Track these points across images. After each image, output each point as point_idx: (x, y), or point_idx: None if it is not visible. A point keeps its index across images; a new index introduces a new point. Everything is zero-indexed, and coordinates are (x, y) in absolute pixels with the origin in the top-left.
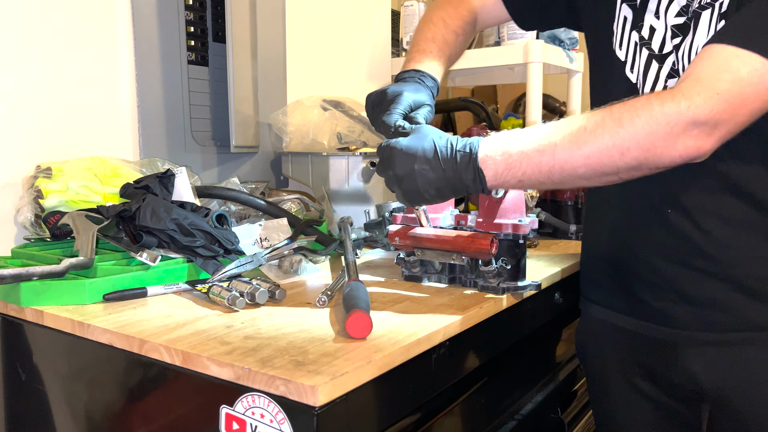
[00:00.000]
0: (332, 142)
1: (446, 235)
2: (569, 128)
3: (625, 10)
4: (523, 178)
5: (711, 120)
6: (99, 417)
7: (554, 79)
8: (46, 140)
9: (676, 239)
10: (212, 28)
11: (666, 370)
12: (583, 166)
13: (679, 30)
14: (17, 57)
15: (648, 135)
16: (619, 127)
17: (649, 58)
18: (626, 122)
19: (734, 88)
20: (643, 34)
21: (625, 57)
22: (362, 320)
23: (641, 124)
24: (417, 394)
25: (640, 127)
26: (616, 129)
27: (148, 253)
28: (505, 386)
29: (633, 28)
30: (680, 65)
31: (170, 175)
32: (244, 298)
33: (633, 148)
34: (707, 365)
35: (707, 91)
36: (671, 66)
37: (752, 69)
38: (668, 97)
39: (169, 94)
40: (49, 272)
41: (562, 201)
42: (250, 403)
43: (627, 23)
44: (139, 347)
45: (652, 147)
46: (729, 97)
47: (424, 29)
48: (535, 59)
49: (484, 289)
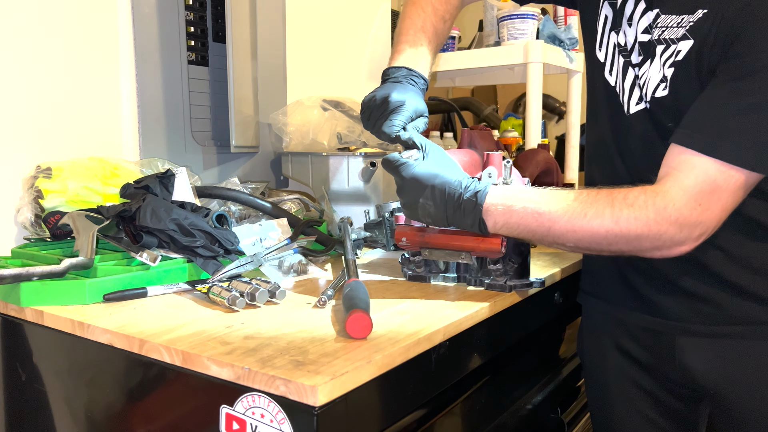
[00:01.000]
0: (332, 142)
1: (455, 234)
2: (571, 208)
3: (606, 9)
4: (518, 234)
5: (693, 223)
6: (99, 417)
7: (554, 79)
8: (46, 140)
9: None
10: (212, 28)
11: (663, 365)
12: (572, 242)
13: (643, 49)
14: (17, 57)
15: (638, 239)
16: (615, 225)
17: (625, 65)
18: (623, 222)
19: (712, 197)
20: (619, 40)
21: (605, 59)
22: (362, 320)
23: (635, 228)
24: (417, 394)
25: (633, 230)
26: (612, 226)
27: (148, 253)
28: (504, 386)
29: (612, 29)
30: (645, 89)
31: (170, 175)
32: (244, 298)
33: (622, 244)
34: (702, 358)
35: (688, 199)
36: (644, 80)
37: (724, 175)
38: (660, 205)
39: (169, 94)
40: (49, 272)
41: None
42: (250, 403)
43: (607, 24)
44: (139, 347)
45: (640, 248)
46: (708, 204)
47: (412, 14)
48: (535, 59)
49: (491, 288)
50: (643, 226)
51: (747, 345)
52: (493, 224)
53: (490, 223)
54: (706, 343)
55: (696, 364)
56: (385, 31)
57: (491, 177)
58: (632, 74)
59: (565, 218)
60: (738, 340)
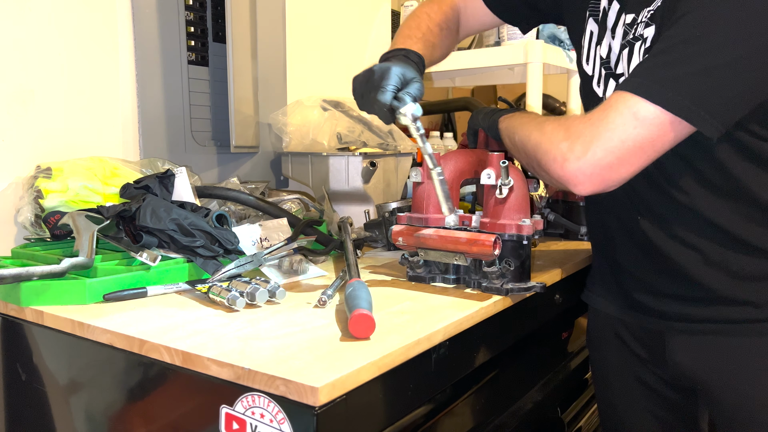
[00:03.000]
0: (332, 142)
1: (449, 235)
2: (539, 119)
3: (591, 25)
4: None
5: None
6: (99, 417)
7: (554, 79)
8: (46, 140)
9: (648, 245)
10: (212, 28)
11: (658, 360)
12: (520, 143)
13: (628, 54)
14: (17, 57)
15: (539, 144)
16: (542, 135)
17: (607, 76)
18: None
19: (625, 144)
20: (601, 53)
21: (592, 72)
22: (366, 320)
23: (542, 143)
24: (417, 394)
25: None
26: (540, 137)
27: (148, 253)
28: (504, 386)
29: (597, 43)
30: None
31: (170, 175)
32: (244, 298)
33: (531, 156)
34: (689, 355)
35: (598, 143)
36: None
37: (651, 119)
38: (569, 134)
39: (169, 94)
40: (49, 272)
41: (574, 202)
42: (250, 403)
43: (593, 38)
44: (139, 347)
45: (542, 157)
46: (619, 152)
47: (408, 22)
48: (535, 59)
49: (488, 290)
50: (548, 134)
51: (725, 341)
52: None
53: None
54: (690, 340)
55: (684, 360)
56: (385, 31)
57: (489, 178)
58: (613, 85)
59: (524, 125)
60: (717, 336)
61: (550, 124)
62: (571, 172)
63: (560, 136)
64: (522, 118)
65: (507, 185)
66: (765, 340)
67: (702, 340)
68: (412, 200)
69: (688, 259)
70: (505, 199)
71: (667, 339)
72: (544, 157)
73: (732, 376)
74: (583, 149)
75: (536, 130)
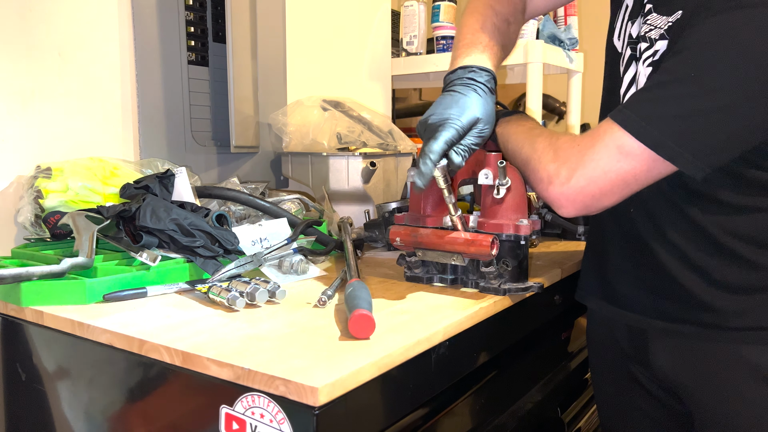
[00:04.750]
0: (332, 142)
1: (447, 235)
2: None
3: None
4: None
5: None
6: (99, 417)
7: (554, 79)
8: (46, 140)
9: (636, 238)
10: (212, 28)
11: (644, 359)
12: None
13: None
14: (17, 57)
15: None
16: (533, 152)
17: (631, 57)
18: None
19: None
20: (631, 32)
21: (621, 48)
22: (366, 320)
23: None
24: (417, 394)
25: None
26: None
27: (148, 253)
28: (504, 386)
29: (630, 20)
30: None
31: (170, 175)
32: (244, 298)
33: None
34: (668, 356)
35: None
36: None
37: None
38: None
39: (169, 94)
40: (49, 272)
41: None
42: (250, 403)
43: (627, 13)
44: (139, 347)
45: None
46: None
47: (470, 20)
48: (535, 59)
49: (485, 291)
50: (538, 152)
51: (701, 347)
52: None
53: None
54: (670, 343)
55: (665, 363)
56: (385, 32)
57: (487, 178)
58: (634, 69)
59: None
60: (693, 341)
61: (542, 141)
62: (554, 195)
63: (549, 157)
64: (517, 126)
65: (504, 185)
66: (738, 349)
67: (680, 343)
68: (410, 200)
69: (672, 258)
70: (503, 199)
71: (650, 340)
72: (532, 174)
73: (707, 383)
74: (568, 175)
75: (528, 145)
